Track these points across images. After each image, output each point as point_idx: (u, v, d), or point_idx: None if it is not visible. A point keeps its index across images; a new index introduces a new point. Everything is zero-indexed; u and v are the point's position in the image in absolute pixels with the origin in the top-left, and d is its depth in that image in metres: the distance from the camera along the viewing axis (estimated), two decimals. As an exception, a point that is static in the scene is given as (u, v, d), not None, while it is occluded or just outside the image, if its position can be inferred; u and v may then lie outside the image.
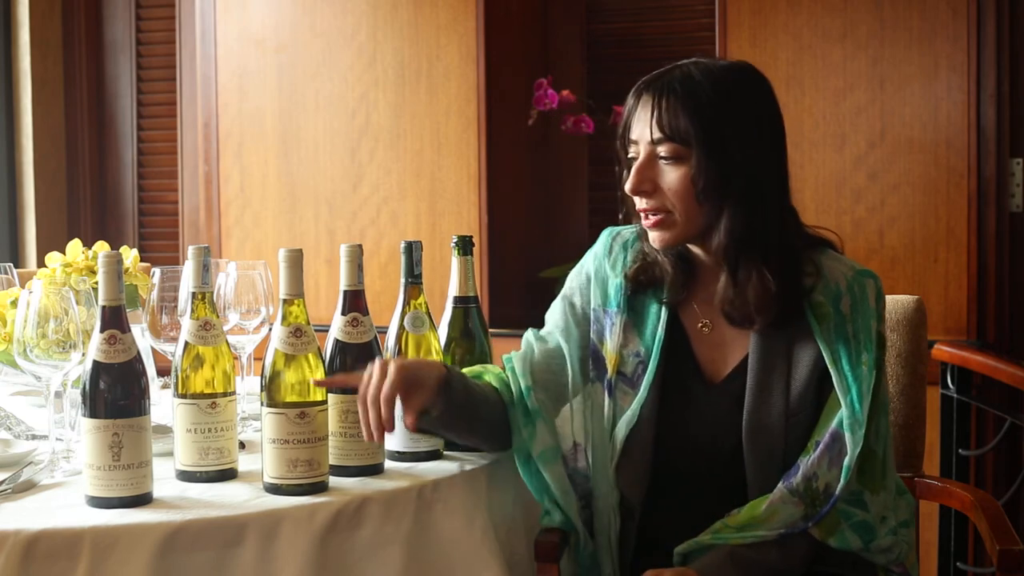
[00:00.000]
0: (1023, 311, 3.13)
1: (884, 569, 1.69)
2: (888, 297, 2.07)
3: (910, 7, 3.05)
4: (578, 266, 1.85)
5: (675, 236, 1.68)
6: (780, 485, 1.63)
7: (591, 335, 1.79)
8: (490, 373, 1.79)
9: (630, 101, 1.70)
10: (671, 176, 1.65)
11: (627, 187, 1.68)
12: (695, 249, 1.73)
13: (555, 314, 1.83)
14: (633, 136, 1.69)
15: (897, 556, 1.69)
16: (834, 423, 1.64)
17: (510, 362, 1.78)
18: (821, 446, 1.63)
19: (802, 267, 1.69)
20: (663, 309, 1.75)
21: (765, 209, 1.68)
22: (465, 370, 1.78)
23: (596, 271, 1.81)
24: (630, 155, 1.71)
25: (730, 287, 1.68)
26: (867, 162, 3.09)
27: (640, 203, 1.69)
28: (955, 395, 2.71)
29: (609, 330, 1.76)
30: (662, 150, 1.66)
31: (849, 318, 1.67)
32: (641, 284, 1.76)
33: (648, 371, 1.72)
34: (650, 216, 1.68)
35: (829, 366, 1.65)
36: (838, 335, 1.66)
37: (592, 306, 1.79)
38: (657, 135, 1.65)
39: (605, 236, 1.83)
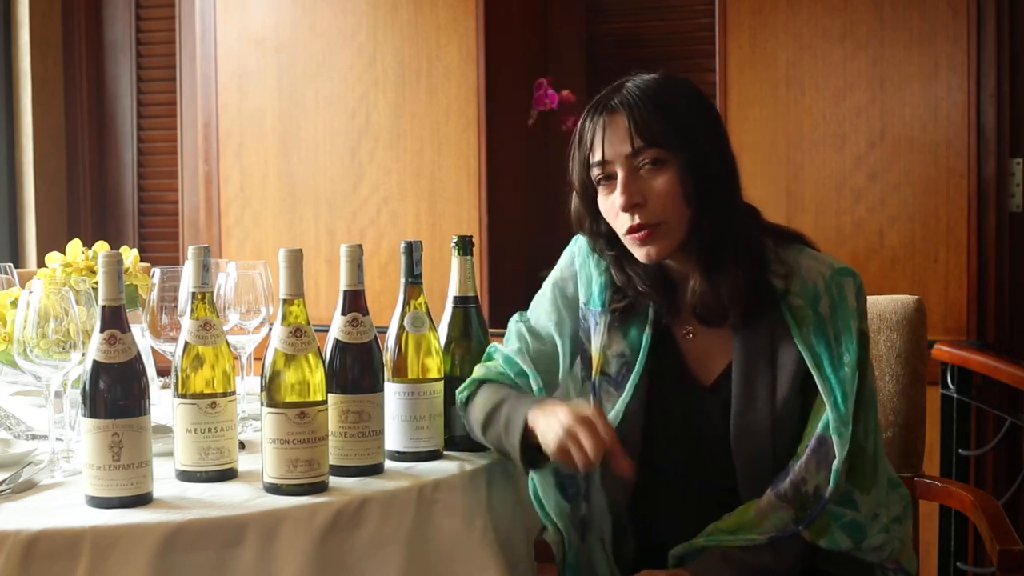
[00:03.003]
0: (1023, 311, 3.13)
1: (880, 567, 1.69)
2: (888, 297, 2.08)
3: (910, 7, 3.05)
4: (567, 254, 1.84)
5: (668, 245, 1.67)
6: (769, 491, 1.63)
7: (579, 330, 1.79)
8: (499, 375, 1.78)
9: (590, 124, 1.69)
10: (659, 182, 1.65)
11: (619, 204, 1.65)
12: (669, 262, 1.72)
13: (546, 305, 1.82)
14: (605, 156, 1.67)
15: (890, 553, 1.68)
16: (820, 427, 1.63)
17: (514, 364, 1.78)
18: (808, 451, 1.63)
19: (768, 263, 1.69)
20: (649, 311, 1.74)
21: (737, 204, 1.70)
22: (476, 372, 1.80)
23: (581, 266, 1.80)
24: (596, 177, 1.70)
25: (704, 286, 1.68)
26: (867, 162, 3.09)
27: (629, 220, 1.66)
28: (955, 395, 2.71)
29: (594, 329, 1.76)
30: (643, 160, 1.65)
31: (829, 319, 1.66)
32: (625, 313, 1.75)
33: (634, 372, 1.72)
34: (642, 230, 1.65)
35: (811, 369, 1.64)
36: (818, 338, 1.65)
37: (581, 301, 1.79)
38: (639, 144, 1.65)
39: (584, 237, 1.80)
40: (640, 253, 1.68)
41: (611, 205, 1.68)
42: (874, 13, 3.08)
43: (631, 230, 1.66)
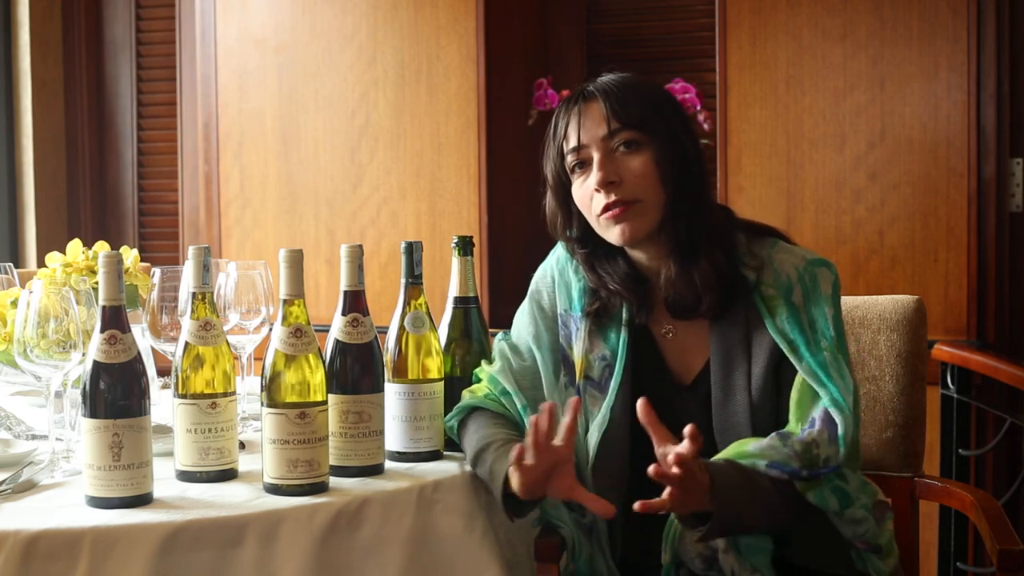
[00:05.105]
0: (1023, 311, 3.13)
1: (853, 547, 1.68)
2: (888, 297, 2.08)
3: (910, 7, 3.05)
4: (542, 267, 1.87)
5: (643, 226, 1.69)
6: (774, 436, 1.60)
7: (560, 339, 1.80)
8: (484, 398, 1.79)
9: (564, 114, 1.74)
10: (635, 163, 1.68)
11: (595, 181, 1.68)
12: (638, 254, 1.74)
13: (524, 318, 1.85)
14: (581, 141, 1.71)
15: (864, 532, 1.67)
16: (822, 404, 1.62)
17: (497, 383, 1.79)
18: (818, 422, 1.61)
19: (741, 257, 1.71)
20: (624, 312, 1.76)
21: (709, 196, 1.75)
22: (464, 398, 1.81)
23: (560, 273, 1.83)
24: (571, 164, 1.73)
25: (678, 274, 1.70)
26: (867, 162, 3.09)
27: (606, 198, 1.68)
28: (955, 395, 2.72)
29: (575, 335, 1.78)
30: (619, 142, 1.69)
31: (802, 307, 1.68)
32: (600, 315, 1.76)
33: (615, 373, 1.73)
34: (617, 207, 1.68)
35: (789, 356, 1.65)
36: (791, 325, 1.67)
37: (559, 309, 1.81)
38: (615, 126, 1.69)
39: (564, 243, 1.83)
40: (615, 232, 1.70)
41: (586, 189, 1.71)
42: (874, 13, 3.08)
43: (606, 208, 1.69)
